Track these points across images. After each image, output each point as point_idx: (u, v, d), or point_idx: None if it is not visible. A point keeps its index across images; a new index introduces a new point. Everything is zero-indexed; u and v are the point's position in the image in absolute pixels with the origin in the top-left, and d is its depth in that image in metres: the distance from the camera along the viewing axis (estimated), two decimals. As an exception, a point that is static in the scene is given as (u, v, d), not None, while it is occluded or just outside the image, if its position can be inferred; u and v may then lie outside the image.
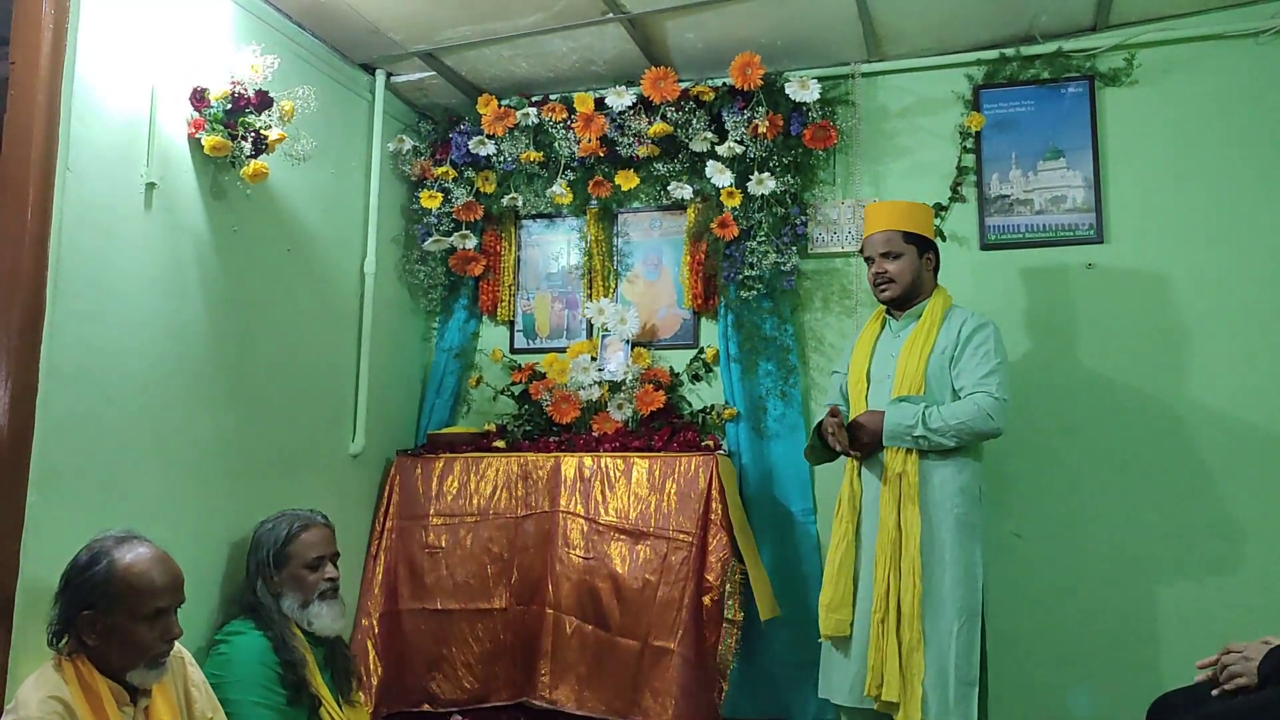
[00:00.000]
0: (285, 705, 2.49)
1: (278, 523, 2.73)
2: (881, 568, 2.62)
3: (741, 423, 3.40)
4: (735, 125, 3.37)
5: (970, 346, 2.69)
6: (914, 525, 2.60)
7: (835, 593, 2.71)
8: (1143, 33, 3.21)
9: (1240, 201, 3.09)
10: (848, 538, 2.74)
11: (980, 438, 2.66)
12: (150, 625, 2.02)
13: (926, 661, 2.52)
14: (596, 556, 3.13)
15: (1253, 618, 2.91)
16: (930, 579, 2.58)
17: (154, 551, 2.09)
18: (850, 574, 2.71)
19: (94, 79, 2.34)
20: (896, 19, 3.22)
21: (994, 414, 2.61)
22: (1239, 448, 3.02)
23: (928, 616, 2.56)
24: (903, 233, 2.80)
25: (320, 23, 3.17)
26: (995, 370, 2.66)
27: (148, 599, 2.02)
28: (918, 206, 2.94)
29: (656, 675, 2.95)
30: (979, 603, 2.61)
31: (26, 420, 2.14)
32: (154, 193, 2.52)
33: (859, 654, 2.63)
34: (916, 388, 2.69)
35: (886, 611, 2.58)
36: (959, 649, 2.54)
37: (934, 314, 2.77)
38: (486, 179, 3.74)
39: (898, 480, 2.65)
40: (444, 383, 3.75)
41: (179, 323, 2.61)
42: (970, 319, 2.74)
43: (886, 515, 2.64)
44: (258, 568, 2.67)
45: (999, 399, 2.62)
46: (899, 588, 2.58)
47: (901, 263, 2.79)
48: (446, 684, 3.21)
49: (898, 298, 2.82)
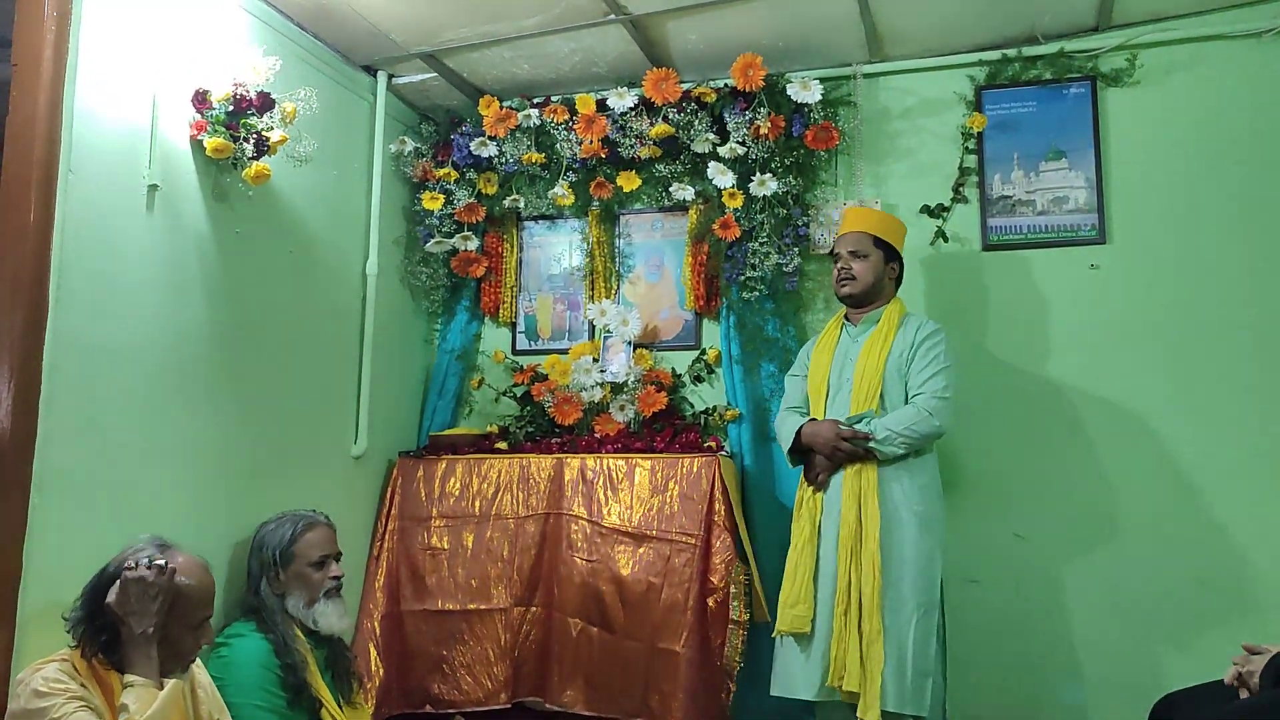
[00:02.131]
0: (286, 708, 2.49)
1: (281, 523, 2.74)
2: (843, 562, 2.70)
3: (744, 424, 3.40)
4: (737, 126, 3.37)
5: (922, 350, 2.81)
6: (874, 520, 2.69)
7: (792, 589, 2.78)
8: (1145, 33, 3.21)
9: (1242, 201, 3.09)
10: (804, 535, 2.82)
11: (926, 439, 2.75)
12: (195, 633, 2.10)
13: (886, 652, 2.59)
14: (600, 559, 3.12)
15: (1255, 618, 2.91)
16: (889, 572, 2.66)
17: (198, 561, 2.17)
18: (809, 571, 2.78)
19: (96, 81, 2.34)
20: (898, 20, 3.22)
21: (934, 412, 2.72)
22: (1241, 446, 3.01)
23: (887, 609, 2.63)
24: (873, 236, 2.94)
25: (322, 25, 3.17)
26: (940, 372, 2.78)
27: (197, 608, 2.10)
28: (892, 218, 3.07)
29: (664, 677, 2.95)
30: (937, 596, 2.71)
31: (29, 422, 2.14)
32: (156, 195, 2.52)
33: (821, 648, 2.69)
34: (874, 390, 2.81)
35: (849, 604, 2.66)
36: (916, 640, 2.62)
37: (891, 319, 2.90)
38: (488, 180, 3.74)
39: (858, 477, 2.75)
40: (446, 384, 3.75)
41: (181, 324, 2.61)
42: (924, 325, 2.87)
43: (848, 511, 2.73)
44: (262, 567, 2.68)
45: (941, 398, 2.74)
46: (859, 581, 2.66)
47: (866, 263, 2.93)
48: (447, 685, 3.20)
49: (855, 295, 2.95)
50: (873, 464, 2.74)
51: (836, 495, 2.79)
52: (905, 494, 2.73)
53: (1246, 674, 2.05)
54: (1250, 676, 2.04)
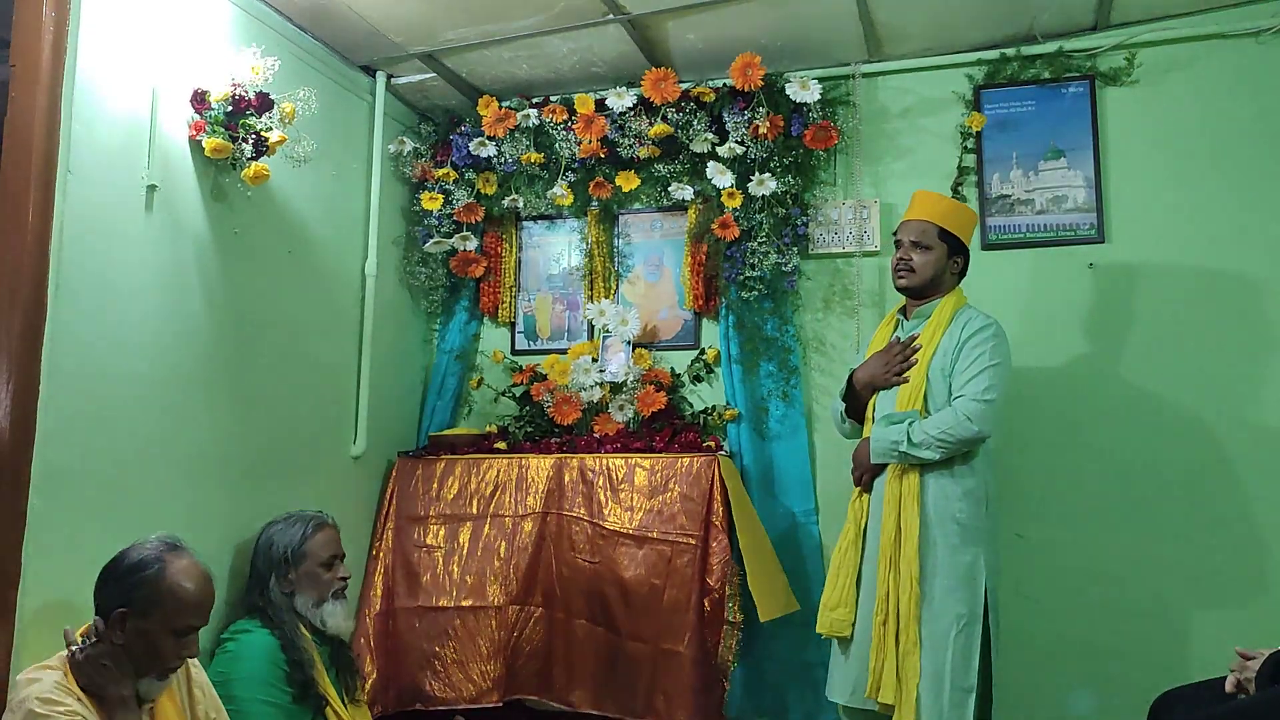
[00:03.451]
0: (291, 704, 2.51)
1: (290, 522, 2.76)
2: (882, 570, 2.59)
3: (743, 424, 3.40)
4: (736, 126, 3.37)
5: (968, 347, 2.62)
6: (913, 528, 2.57)
7: (833, 592, 2.72)
8: (1143, 32, 3.20)
9: (1241, 200, 3.09)
10: (849, 537, 2.74)
11: (964, 445, 2.56)
12: (177, 640, 2.03)
13: (922, 665, 2.50)
14: (603, 561, 3.12)
15: (1258, 619, 2.91)
16: (927, 582, 2.54)
17: (202, 569, 2.11)
18: (851, 574, 2.70)
19: (95, 81, 2.34)
20: (897, 19, 3.22)
21: (974, 417, 2.52)
22: (1242, 447, 3.02)
23: (924, 620, 2.52)
24: (939, 228, 2.75)
25: (321, 25, 3.17)
26: (984, 372, 2.58)
27: (186, 614, 2.04)
28: (963, 209, 2.90)
29: (668, 678, 2.96)
30: (980, 608, 2.54)
31: (28, 422, 2.14)
32: (155, 195, 2.52)
33: (859, 655, 2.62)
34: (918, 390, 2.65)
35: (887, 614, 2.56)
36: (955, 654, 2.50)
37: (942, 316, 2.71)
38: (487, 180, 3.74)
39: (899, 482, 2.63)
40: (445, 384, 3.75)
41: (180, 324, 2.61)
42: (973, 320, 2.67)
43: (888, 517, 2.61)
44: (270, 566, 2.69)
45: (983, 401, 2.54)
46: (897, 590, 2.56)
47: (928, 256, 2.74)
48: (439, 682, 3.19)
49: (911, 288, 2.77)
50: (915, 469, 2.60)
51: (880, 498, 2.67)
52: (947, 500, 2.58)
53: (1245, 681, 2.05)
54: (1248, 684, 2.04)
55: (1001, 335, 2.66)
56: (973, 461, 2.63)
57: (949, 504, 2.58)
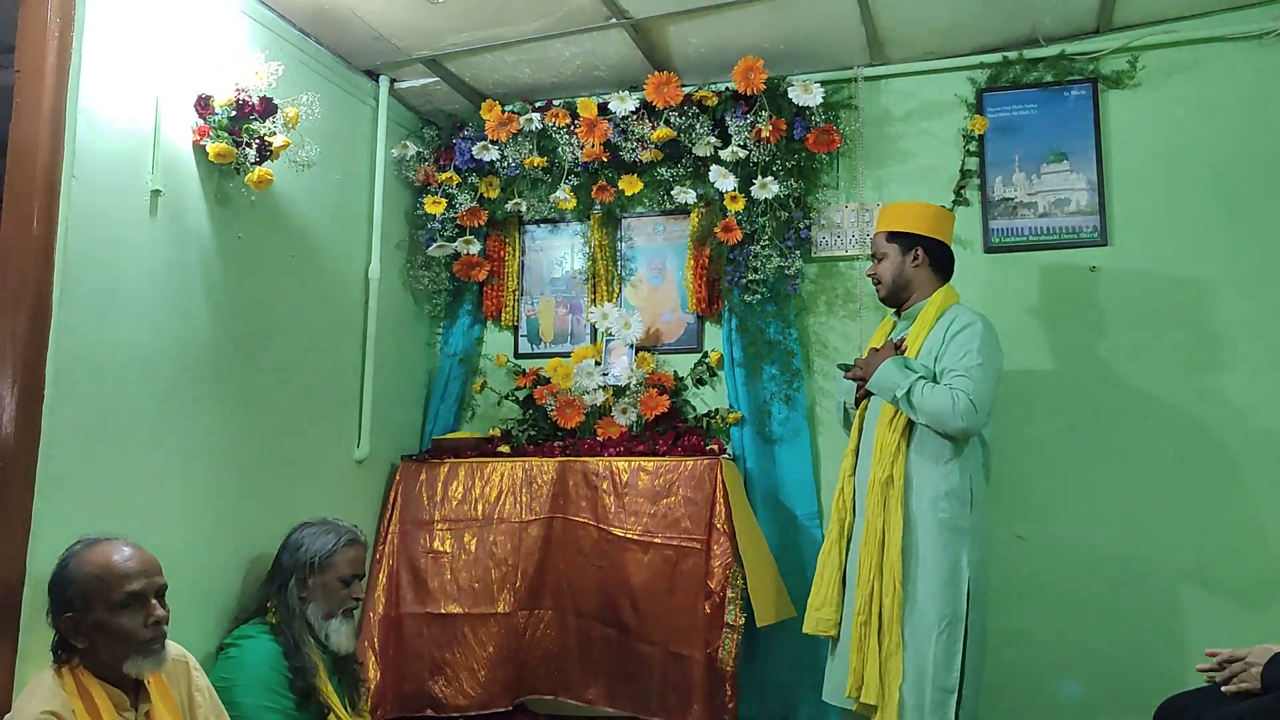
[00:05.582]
0: (293, 710, 2.51)
1: (325, 529, 2.74)
2: (865, 570, 2.60)
3: (746, 427, 3.40)
4: (738, 129, 3.38)
5: (953, 345, 2.63)
6: (895, 529, 2.57)
7: (818, 591, 2.74)
8: (1146, 35, 3.20)
9: (1244, 203, 3.09)
10: (831, 537, 2.76)
11: (944, 432, 2.58)
12: (130, 613, 2.00)
13: (905, 666, 2.51)
14: (610, 565, 3.13)
15: (1258, 619, 2.91)
16: (910, 583, 2.55)
17: (119, 543, 2.08)
18: (836, 574, 2.71)
19: (99, 87, 2.35)
20: (899, 23, 3.22)
21: (964, 417, 2.52)
22: (1243, 448, 3.01)
23: (907, 621, 2.54)
24: (885, 233, 2.84)
25: (324, 30, 3.18)
26: (973, 370, 2.57)
27: (118, 585, 2.00)
28: (903, 206, 2.94)
29: (678, 680, 2.97)
30: (963, 609, 2.53)
31: (32, 426, 2.15)
32: (159, 200, 2.53)
33: (845, 655, 2.64)
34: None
35: (869, 615, 2.57)
36: (937, 655, 2.50)
37: (926, 316, 2.73)
38: (490, 184, 3.74)
39: (884, 483, 2.62)
40: (448, 388, 3.75)
41: (184, 329, 2.61)
42: (960, 316, 2.68)
43: (872, 517, 2.62)
44: (294, 567, 2.67)
45: (973, 401, 2.53)
46: (880, 591, 2.57)
47: (883, 264, 2.84)
48: (451, 689, 3.20)
49: (886, 298, 2.86)
50: (902, 464, 2.60)
51: (864, 498, 2.68)
52: (931, 501, 2.58)
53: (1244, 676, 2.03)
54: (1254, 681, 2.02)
55: (989, 330, 2.66)
56: (956, 460, 2.62)
57: (933, 504, 2.58)
